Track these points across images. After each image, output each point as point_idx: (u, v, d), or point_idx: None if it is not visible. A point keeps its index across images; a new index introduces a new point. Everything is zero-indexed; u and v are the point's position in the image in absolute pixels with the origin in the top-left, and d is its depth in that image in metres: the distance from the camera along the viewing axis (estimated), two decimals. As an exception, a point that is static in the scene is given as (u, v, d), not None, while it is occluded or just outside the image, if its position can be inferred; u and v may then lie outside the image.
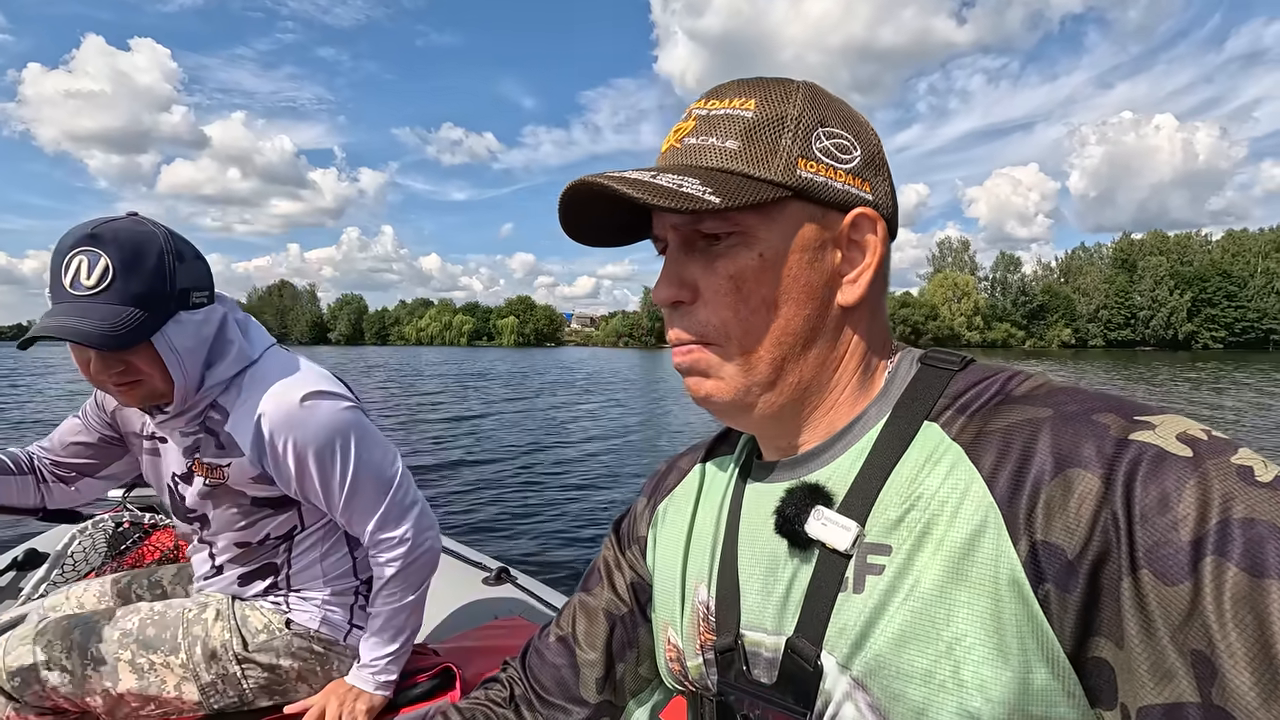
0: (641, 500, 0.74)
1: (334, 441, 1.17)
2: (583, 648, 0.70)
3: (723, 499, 0.62)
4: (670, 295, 0.52)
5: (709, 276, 0.51)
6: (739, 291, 0.50)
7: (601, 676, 0.68)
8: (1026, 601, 0.40)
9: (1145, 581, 0.36)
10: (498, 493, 7.06)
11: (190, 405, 1.15)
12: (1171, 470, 0.37)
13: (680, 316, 0.53)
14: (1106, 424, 0.41)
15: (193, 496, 1.22)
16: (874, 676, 0.46)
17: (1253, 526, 0.34)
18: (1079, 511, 0.39)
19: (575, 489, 7.27)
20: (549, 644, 0.72)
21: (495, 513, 6.27)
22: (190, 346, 1.10)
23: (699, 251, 0.52)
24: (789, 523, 0.51)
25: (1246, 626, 0.33)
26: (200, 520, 1.25)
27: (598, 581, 0.73)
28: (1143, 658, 0.36)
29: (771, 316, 0.50)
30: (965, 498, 0.44)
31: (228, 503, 1.22)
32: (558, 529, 5.74)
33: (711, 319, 0.51)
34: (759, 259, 0.50)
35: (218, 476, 1.19)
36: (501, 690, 0.73)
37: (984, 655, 0.41)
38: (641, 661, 0.70)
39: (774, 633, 0.53)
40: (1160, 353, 72.12)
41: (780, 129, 0.50)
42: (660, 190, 0.46)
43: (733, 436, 0.68)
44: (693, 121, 0.52)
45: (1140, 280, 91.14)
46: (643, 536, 0.71)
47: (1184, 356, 58.16)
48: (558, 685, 0.70)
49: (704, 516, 0.64)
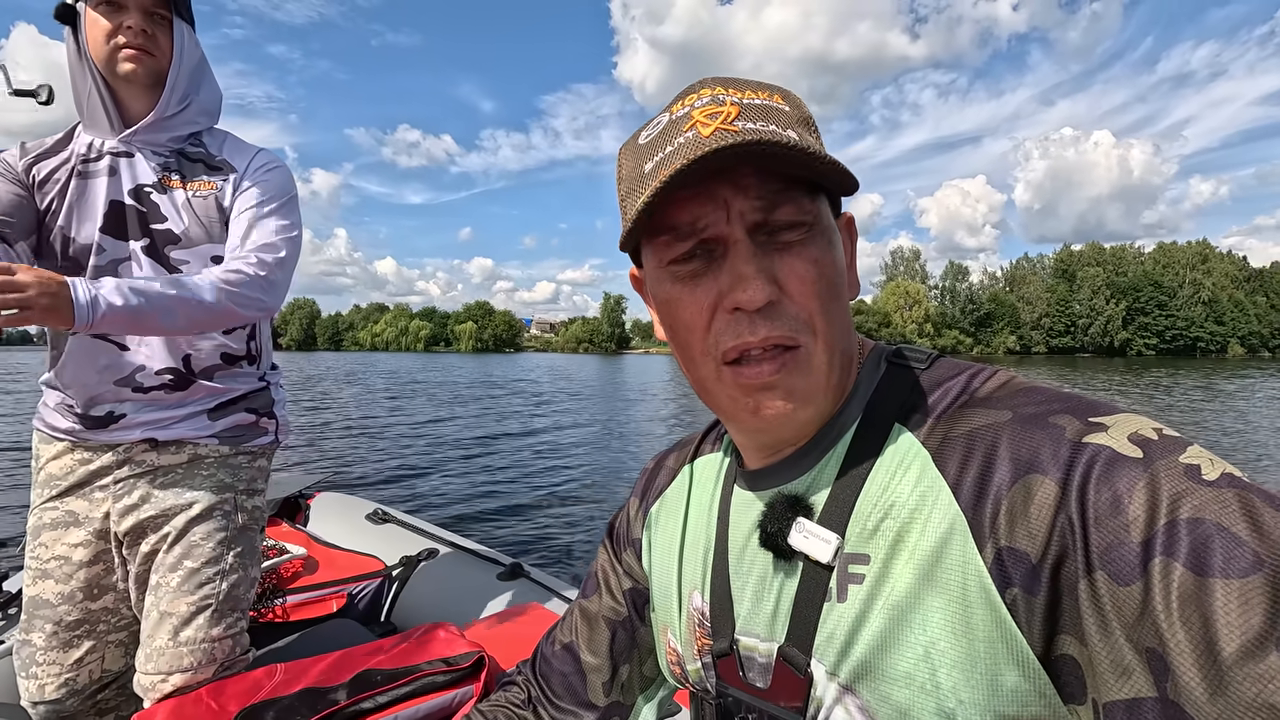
0: (634, 501, 0.74)
1: (290, 195, 1.36)
2: (586, 654, 0.71)
3: (711, 505, 0.63)
4: (768, 293, 0.46)
5: (796, 265, 0.47)
6: (823, 279, 0.48)
7: (608, 680, 0.70)
8: (994, 607, 0.41)
9: (1100, 582, 0.37)
10: (503, 490, 7.11)
11: (175, 122, 1.28)
12: (1123, 472, 0.38)
13: (765, 317, 0.47)
14: (1063, 426, 0.42)
15: (168, 205, 1.27)
16: (861, 681, 0.47)
17: (1199, 526, 0.35)
18: (1038, 517, 0.40)
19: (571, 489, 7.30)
20: (555, 651, 0.74)
21: (502, 510, 6.29)
22: (193, 53, 1.28)
23: (760, 246, 0.48)
24: (772, 538, 0.52)
25: (1193, 624, 0.34)
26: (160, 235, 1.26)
27: (595, 588, 0.74)
28: (1103, 655, 0.37)
29: (842, 306, 0.50)
30: (934, 506, 0.45)
31: (207, 215, 1.28)
32: (562, 526, 5.77)
33: (800, 313, 0.48)
34: (831, 248, 0.49)
35: (210, 188, 1.29)
36: (520, 692, 0.75)
37: (955, 659, 0.42)
38: (644, 661, 0.71)
39: (766, 639, 0.54)
40: (1098, 359, 75.72)
41: (810, 128, 0.50)
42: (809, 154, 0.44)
43: (717, 433, 0.69)
44: (734, 108, 0.47)
45: (1079, 290, 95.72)
46: (637, 539, 0.72)
47: (1119, 363, 61.12)
48: (567, 691, 0.72)
49: (695, 522, 0.64)
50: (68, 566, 1.26)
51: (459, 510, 6.26)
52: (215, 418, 1.32)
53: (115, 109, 1.25)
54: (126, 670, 1.33)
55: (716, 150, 0.43)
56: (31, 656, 1.24)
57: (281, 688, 1.24)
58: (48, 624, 1.24)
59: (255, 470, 1.38)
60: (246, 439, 1.36)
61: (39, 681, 1.24)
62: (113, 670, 1.32)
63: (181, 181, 1.28)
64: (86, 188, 1.24)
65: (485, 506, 6.44)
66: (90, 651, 1.27)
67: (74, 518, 1.27)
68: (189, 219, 1.27)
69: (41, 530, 1.27)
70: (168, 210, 1.26)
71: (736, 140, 0.43)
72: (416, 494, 6.95)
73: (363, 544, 2.23)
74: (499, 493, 7.04)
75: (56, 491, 1.27)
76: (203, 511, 1.28)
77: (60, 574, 1.25)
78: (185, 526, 1.26)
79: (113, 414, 1.25)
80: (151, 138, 1.26)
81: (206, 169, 1.30)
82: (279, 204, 1.32)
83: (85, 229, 1.23)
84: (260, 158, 1.35)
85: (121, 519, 1.26)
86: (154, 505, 1.26)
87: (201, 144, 1.32)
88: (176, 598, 1.23)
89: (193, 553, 1.25)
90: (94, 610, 1.28)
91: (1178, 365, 50.61)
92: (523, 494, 6.99)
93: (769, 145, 0.43)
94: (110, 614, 1.30)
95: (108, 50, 1.19)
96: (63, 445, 1.28)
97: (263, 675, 1.27)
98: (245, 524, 1.34)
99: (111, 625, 1.31)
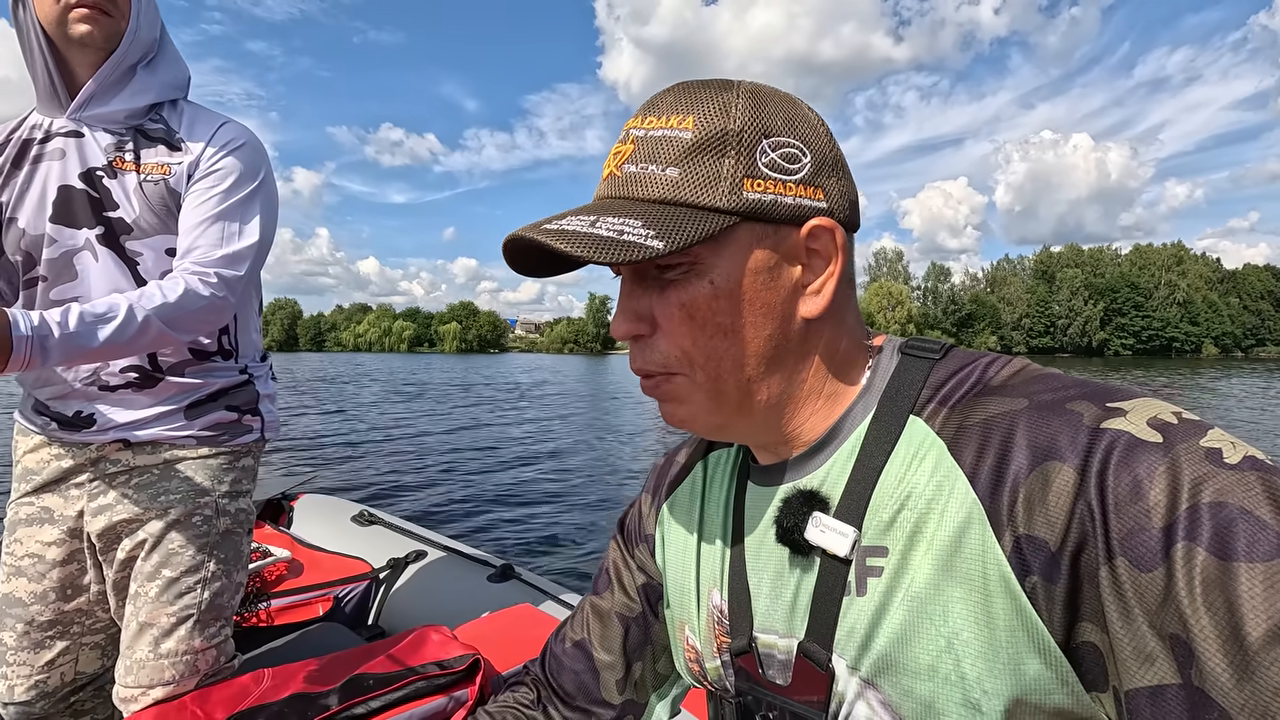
0: (646, 497, 0.73)
1: (255, 181, 1.22)
2: (599, 652, 0.70)
3: (726, 500, 0.62)
4: (629, 329, 0.51)
5: (663, 306, 0.50)
6: (693, 320, 0.49)
7: (621, 678, 0.69)
8: (1014, 595, 0.41)
9: (1121, 569, 0.37)
10: (491, 491, 7.06)
11: (128, 92, 1.16)
12: (1143, 457, 0.38)
13: (641, 349, 0.52)
14: (1080, 412, 0.42)
15: (119, 191, 1.15)
16: (883, 675, 0.47)
17: (1221, 510, 0.35)
18: (1057, 504, 0.40)
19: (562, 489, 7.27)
20: (565, 649, 0.73)
21: (491, 511, 6.24)
22: (151, 16, 1.16)
23: (651, 280, 0.50)
24: (789, 533, 0.52)
25: (1218, 610, 0.33)
26: (113, 224, 1.16)
27: (607, 584, 0.73)
28: (1125, 642, 0.37)
29: (731, 341, 0.49)
30: (951, 495, 0.44)
31: (160, 202, 1.17)
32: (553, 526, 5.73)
33: (672, 350, 0.50)
34: (710, 286, 0.48)
35: (162, 172, 1.16)
36: (528, 693, 0.74)
37: (979, 649, 0.42)
38: (658, 658, 0.70)
39: (785, 635, 0.54)
40: (1077, 359, 76.96)
41: (722, 150, 0.47)
42: (600, 242, 0.45)
43: None
44: (631, 145, 0.49)
45: (1058, 291, 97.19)
46: (650, 535, 0.71)
47: (1097, 362, 62.16)
48: (579, 689, 0.70)
49: (710, 518, 0.64)
50: (41, 565, 1.21)
51: (447, 511, 6.20)
52: (192, 416, 1.24)
53: (63, 82, 1.12)
54: (103, 672, 1.29)
55: (514, 239, 0.49)
56: (1, 656, 1.20)
57: (270, 693, 1.21)
58: (19, 623, 1.20)
59: (239, 471, 1.31)
60: (228, 437, 1.29)
61: (9, 682, 1.20)
62: (87, 673, 1.27)
63: (135, 164, 1.15)
64: (35, 174, 1.14)
65: (474, 507, 6.38)
66: (63, 653, 1.23)
67: (49, 514, 1.22)
68: (140, 205, 1.15)
69: (16, 526, 1.23)
70: (119, 196, 1.15)
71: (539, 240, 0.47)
72: (403, 495, 6.87)
73: (349, 546, 2.20)
74: (487, 493, 6.99)
75: (32, 486, 1.23)
76: (180, 517, 1.22)
77: (33, 572, 1.21)
78: (162, 533, 1.20)
79: (81, 414, 1.19)
80: (103, 111, 1.14)
81: (167, 149, 1.17)
82: (240, 196, 1.18)
83: (36, 220, 1.14)
84: (223, 133, 1.20)
85: (94, 519, 1.20)
86: (127, 508, 1.21)
87: (162, 119, 1.19)
88: (156, 608, 1.18)
89: (171, 561, 1.20)
90: (67, 611, 1.23)
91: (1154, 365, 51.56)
92: (512, 494, 6.94)
93: (540, 245, 0.47)
94: (85, 615, 1.25)
95: (58, 10, 1.06)
96: (39, 439, 1.23)
97: (250, 681, 1.23)
98: (228, 528, 1.28)
99: (86, 627, 1.26)
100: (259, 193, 1.22)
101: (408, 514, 5.53)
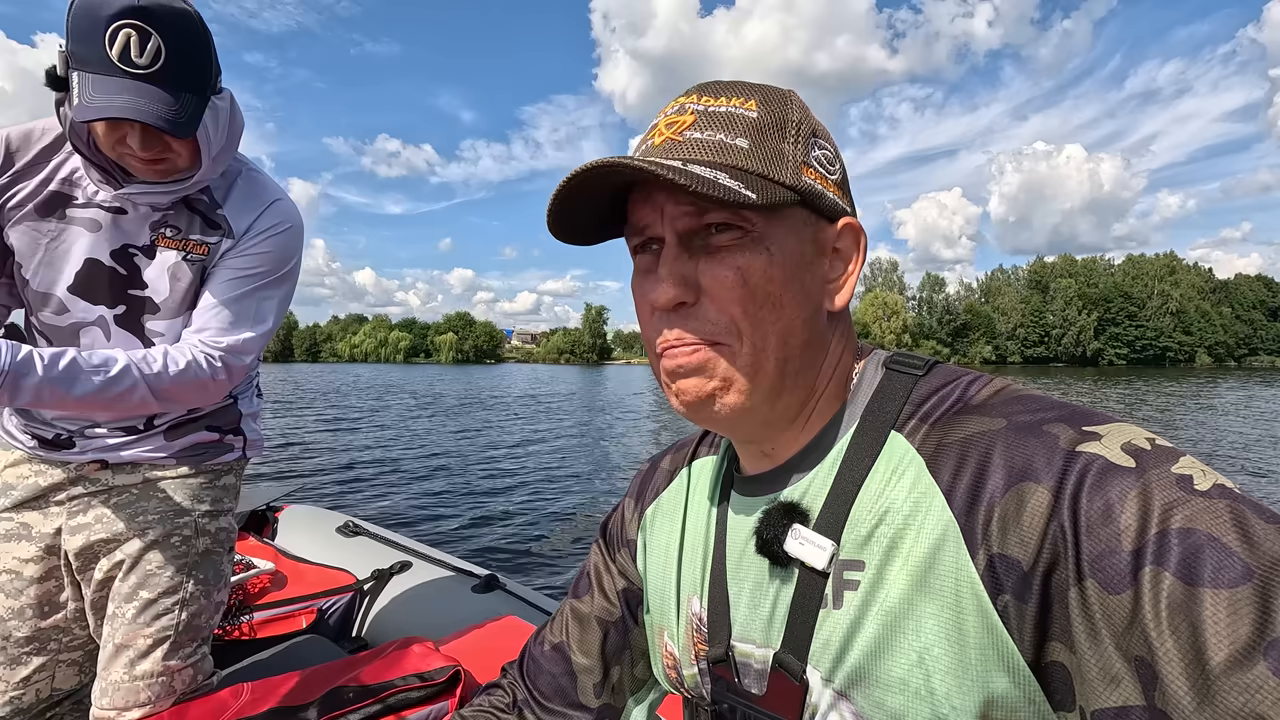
0: (629, 503, 0.74)
1: (286, 267, 1.22)
2: (577, 655, 0.70)
3: (709, 510, 0.63)
4: (677, 295, 0.49)
5: (718, 270, 0.48)
6: (747, 286, 0.48)
7: (599, 681, 0.69)
8: (986, 613, 0.41)
9: (1090, 591, 0.37)
10: (478, 502, 7.03)
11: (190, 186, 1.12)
12: (1115, 481, 0.39)
13: (684, 317, 0.50)
14: (1057, 435, 0.43)
15: (155, 270, 1.13)
16: (855, 687, 0.47)
17: (1190, 536, 0.36)
18: (1031, 524, 0.40)
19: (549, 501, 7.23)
20: (544, 652, 0.73)
21: (477, 522, 6.20)
22: (219, 129, 1.09)
23: (696, 250, 0.50)
24: (768, 545, 0.52)
25: (1182, 634, 0.34)
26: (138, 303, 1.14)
27: (588, 588, 0.73)
28: (1092, 663, 0.37)
29: (778, 315, 0.49)
30: (928, 512, 0.45)
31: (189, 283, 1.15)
32: (538, 537, 5.70)
33: (721, 317, 0.49)
34: (768, 255, 0.48)
35: (201, 252, 1.15)
36: (504, 696, 0.74)
37: (949, 665, 0.43)
38: (636, 663, 0.70)
39: (762, 645, 0.54)
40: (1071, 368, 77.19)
41: (784, 133, 0.50)
42: (702, 183, 0.44)
43: (713, 438, 0.69)
44: (691, 116, 0.50)
45: (1052, 300, 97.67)
46: (632, 540, 0.71)
47: (1091, 372, 62.37)
48: (556, 692, 0.70)
49: (693, 527, 0.64)
50: (18, 581, 1.20)
51: (432, 522, 6.17)
52: (173, 437, 1.24)
53: (118, 167, 1.07)
54: (80, 689, 1.28)
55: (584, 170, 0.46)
56: None
57: (248, 708, 1.20)
58: None
59: (219, 489, 1.30)
60: (208, 457, 1.28)
61: None
62: (64, 689, 1.26)
63: (176, 241, 1.13)
64: (62, 235, 1.09)
65: (459, 518, 6.35)
66: (39, 670, 1.22)
67: (26, 530, 1.21)
68: (171, 285, 1.13)
69: None
70: (151, 275, 1.12)
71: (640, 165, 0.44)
72: (388, 506, 6.84)
73: (333, 558, 2.19)
74: (473, 504, 6.97)
75: (11, 502, 1.22)
76: (159, 537, 1.21)
77: (10, 588, 1.20)
78: (140, 553, 1.20)
79: (60, 436, 1.19)
80: (156, 199, 1.10)
81: (204, 224, 1.14)
82: (265, 283, 1.17)
83: (48, 279, 1.10)
84: (268, 216, 1.18)
85: (71, 537, 1.20)
86: (105, 527, 1.20)
87: (207, 190, 1.16)
88: (133, 629, 1.17)
89: (149, 582, 1.19)
90: (44, 628, 1.22)
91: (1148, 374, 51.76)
92: (498, 505, 6.91)
93: (637, 171, 0.45)
94: (62, 632, 1.24)
95: (116, 149, 1.02)
96: (19, 454, 1.23)
97: (228, 696, 1.23)
98: (208, 548, 1.27)
99: (63, 644, 1.25)
100: (284, 281, 1.22)
101: (393, 524, 5.53)
